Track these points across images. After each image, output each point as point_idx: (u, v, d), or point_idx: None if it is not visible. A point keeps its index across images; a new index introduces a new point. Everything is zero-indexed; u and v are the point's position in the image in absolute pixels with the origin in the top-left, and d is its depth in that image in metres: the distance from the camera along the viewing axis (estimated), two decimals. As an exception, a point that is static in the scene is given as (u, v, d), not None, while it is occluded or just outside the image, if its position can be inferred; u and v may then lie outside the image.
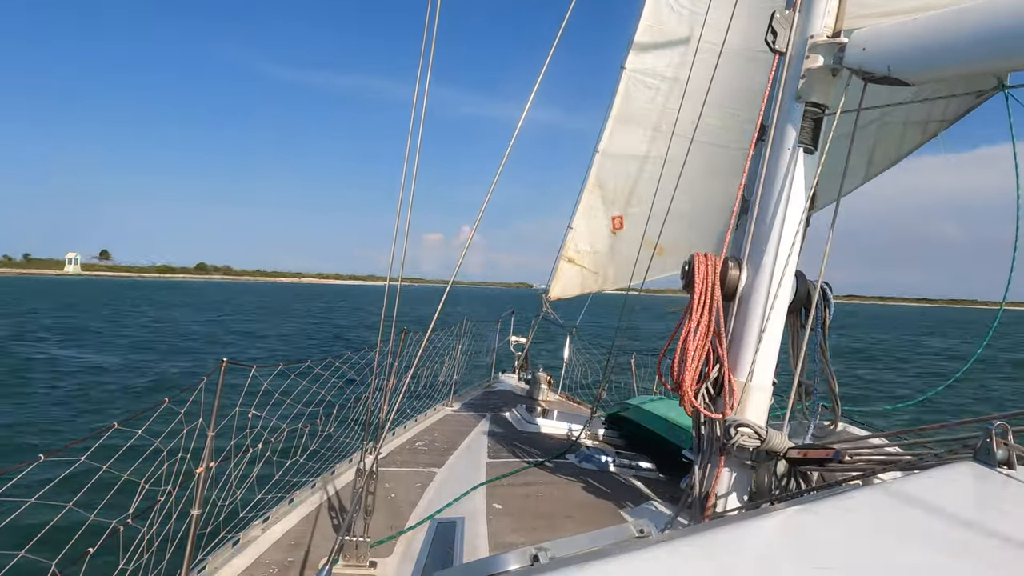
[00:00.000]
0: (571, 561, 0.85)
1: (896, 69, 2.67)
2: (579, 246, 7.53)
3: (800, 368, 3.14)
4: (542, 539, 1.02)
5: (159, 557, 2.94)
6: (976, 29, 2.41)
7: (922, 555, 0.90)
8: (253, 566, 2.95)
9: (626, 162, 6.88)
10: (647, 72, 6.44)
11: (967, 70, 2.68)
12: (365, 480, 3.02)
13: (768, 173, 2.97)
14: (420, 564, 2.99)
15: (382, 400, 3.43)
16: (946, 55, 2.55)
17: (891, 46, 2.69)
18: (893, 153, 4.45)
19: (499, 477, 4.33)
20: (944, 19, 2.53)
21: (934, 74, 2.71)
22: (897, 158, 4.45)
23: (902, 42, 2.67)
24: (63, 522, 2.60)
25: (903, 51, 2.66)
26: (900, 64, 2.66)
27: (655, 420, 5.15)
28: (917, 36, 2.62)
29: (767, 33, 2.97)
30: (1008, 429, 1.44)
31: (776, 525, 0.96)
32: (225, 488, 3.46)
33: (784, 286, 2.92)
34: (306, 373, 4.69)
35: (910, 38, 2.64)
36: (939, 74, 2.71)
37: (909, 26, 2.64)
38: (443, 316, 3.24)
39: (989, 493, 1.28)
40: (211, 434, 3.02)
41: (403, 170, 3.18)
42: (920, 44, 2.61)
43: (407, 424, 5.84)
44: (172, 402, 3.02)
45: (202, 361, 18.74)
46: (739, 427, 2.82)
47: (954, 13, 2.50)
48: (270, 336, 29.39)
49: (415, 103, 3.20)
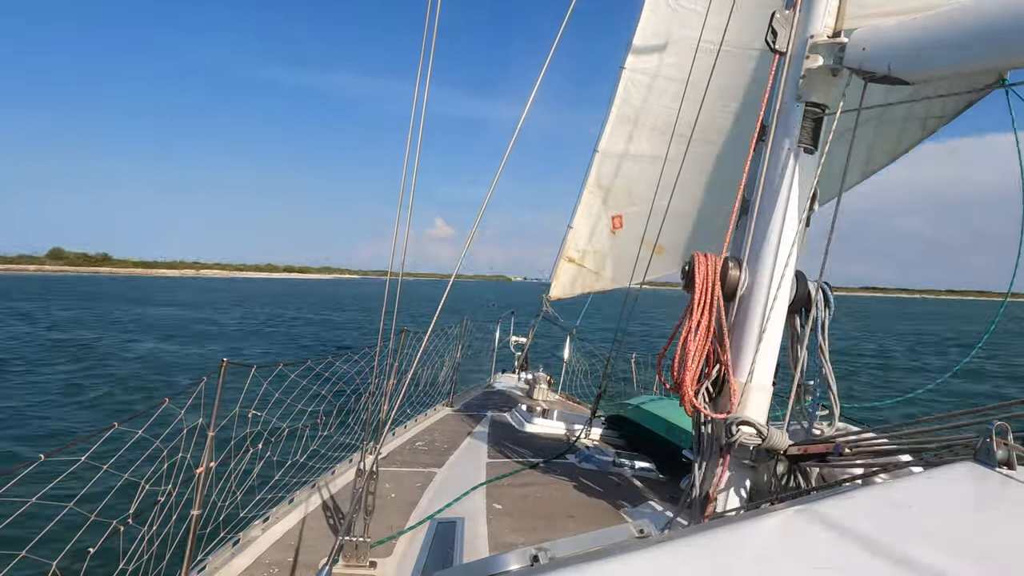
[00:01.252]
0: (571, 561, 0.85)
1: (896, 68, 2.67)
2: (579, 245, 7.54)
3: (800, 369, 3.14)
4: (542, 539, 1.02)
5: (159, 557, 2.94)
6: (975, 27, 2.41)
7: (922, 555, 0.90)
8: (253, 566, 2.95)
9: (626, 161, 6.89)
10: (646, 72, 6.45)
11: (967, 68, 2.68)
12: (365, 480, 3.02)
13: (768, 173, 2.97)
14: (420, 564, 2.99)
15: (382, 400, 3.43)
16: (945, 54, 2.55)
17: (891, 45, 2.69)
18: (892, 150, 4.46)
19: (499, 477, 4.33)
20: (943, 18, 2.53)
21: (933, 72, 2.71)
22: (896, 154, 4.47)
23: (902, 41, 2.67)
24: (63, 522, 2.60)
25: (903, 50, 2.66)
26: (900, 63, 2.66)
27: (655, 420, 5.15)
28: (917, 35, 2.62)
29: (767, 33, 2.97)
30: (1008, 429, 1.44)
31: (776, 525, 0.96)
32: (225, 488, 3.46)
33: (784, 286, 2.92)
34: (306, 373, 4.69)
35: (910, 37, 2.64)
36: (939, 72, 2.71)
37: (909, 25, 2.64)
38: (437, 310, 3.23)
39: (989, 493, 1.28)
40: (211, 434, 3.02)
41: (403, 169, 3.18)
42: (920, 43, 2.61)
43: (407, 424, 5.85)
44: (172, 402, 3.02)
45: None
46: (740, 425, 2.82)
47: (953, 12, 2.50)
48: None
49: (415, 102, 3.20)
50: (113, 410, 11.43)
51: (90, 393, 12.93)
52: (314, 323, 35.00)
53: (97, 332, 24.81)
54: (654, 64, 6.37)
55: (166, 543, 3.01)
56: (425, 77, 3.16)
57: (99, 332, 24.83)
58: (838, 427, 3.18)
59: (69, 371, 15.51)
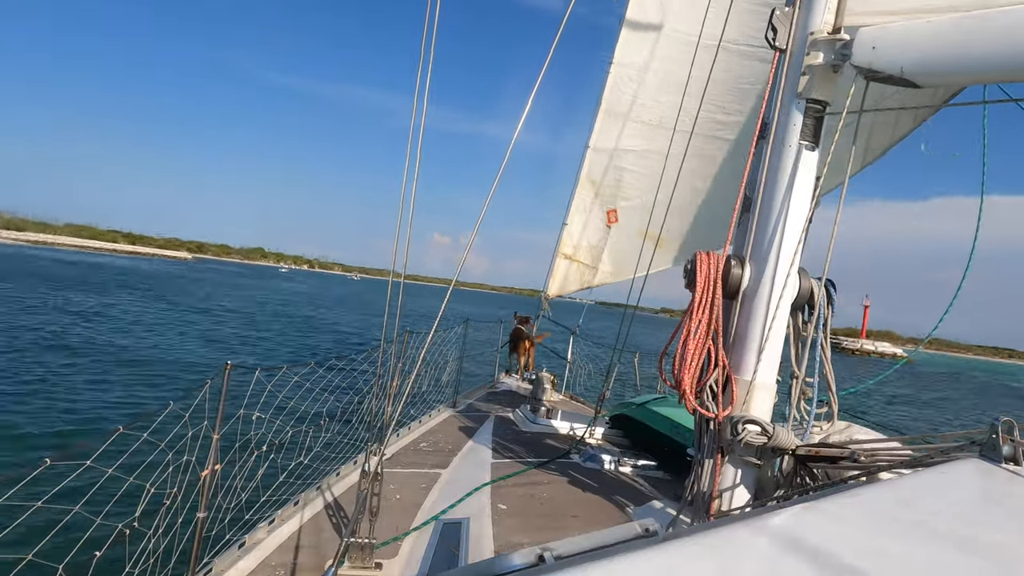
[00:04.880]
0: (576, 561, 0.85)
1: (910, 71, 2.62)
2: (575, 241, 7.55)
3: (802, 366, 3.13)
4: (547, 539, 1.02)
5: (165, 560, 2.95)
6: (988, 38, 2.36)
7: (928, 551, 0.90)
8: (259, 568, 2.96)
9: (617, 156, 6.91)
10: (634, 66, 6.47)
11: (979, 77, 2.65)
12: (370, 482, 3.02)
13: (770, 171, 2.96)
14: (425, 565, 3.00)
15: (386, 402, 3.43)
16: (965, 62, 2.50)
17: (904, 47, 2.63)
18: (887, 140, 4.51)
19: (504, 477, 4.33)
20: (956, 25, 2.48)
21: (948, 79, 2.67)
22: (891, 144, 4.53)
23: (919, 45, 2.60)
24: (69, 525, 2.61)
25: (920, 54, 2.59)
26: (915, 67, 2.61)
27: (659, 419, 5.15)
28: (931, 40, 2.55)
29: (767, 30, 2.97)
30: (1015, 425, 1.44)
31: (781, 523, 0.96)
32: (230, 491, 3.47)
33: (788, 284, 2.91)
34: (310, 375, 4.70)
35: (924, 42, 2.57)
36: (953, 79, 2.67)
37: (924, 28, 2.59)
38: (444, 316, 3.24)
39: (995, 489, 1.28)
40: (216, 437, 3.03)
41: (404, 168, 3.19)
42: (934, 48, 2.55)
43: (411, 425, 5.85)
44: (177, 406, 3.03)
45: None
46: (746, 424, 2.81)
47: (965, 20, 2.46)
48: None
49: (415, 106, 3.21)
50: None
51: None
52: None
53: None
54: (641, 58, 6.40)
55: (172, 546, 3.02)
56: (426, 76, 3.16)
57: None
58: (843, 426, 3.18)
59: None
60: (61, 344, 14.63)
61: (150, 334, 18.58)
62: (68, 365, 12.41)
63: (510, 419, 6.44)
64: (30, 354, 13.01)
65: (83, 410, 9.37)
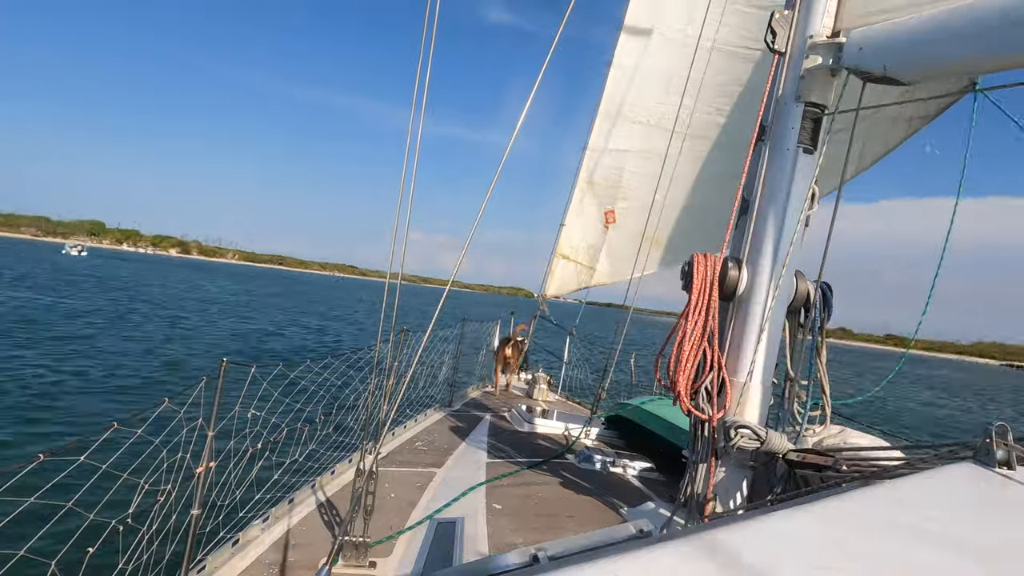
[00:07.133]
0: (570, 561, 0.85)
1: (892, 68, 2.66)
2: (573, 242, 7.57)
3: (797, 369, 3.14)
4: (542, 539, 1.02)
5: (159, 557, 2.94)
6: (964, 29, 2.41)
7: (921, 555, 0.90)
8: (253, 566, 2.95)
9: (616, 157, 6.93)
10: (632, 68, 6.48)
11: (956, 69, 2.69)
12: (365, 480, 3.02)
13: (768, 173, 2.97)
14: (420, 564, 2.99)
15: (382, 400, 3.43)
16: (937, 54, 2.55)
17: (885, 46, 2.69)
18: (881, 147, 4.53)
19: (499, 477, 4.33)
20: (933, 19, 2.52)
21: (926, 72, 2.71)
22: (885, 152, 4.55)
23: (895, 42, 2.66)
24: (62, 522, 2.60)
25: (896, 51, 2.65)
26: (895, 63, 2.66)
27: (654, 420, 5.16)
28: (909, 36, 2.61)
29: (766, 33, 2.97)
30: (1008, 429, 1.44)
31: (775, 525, 0.96)
32: (225, 488, 3.46)
33: (784, 287, 2.92)
34: (306, 373, 4.69)
35: (902, 38, 2.64)
36: (930, 72, 2.72)
37: (901, 26, 2.64)
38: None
39: (988, 494, 1.28)
40: (211, 434, 3.02)
41: (403, 168, 3.18)
42: (912, 44, 2.61)
43: (407, 424, 5.85)
44: (172, 402, 3.01)
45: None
46: (739, 428, 2.82)
47: (940, 14, 2.50)
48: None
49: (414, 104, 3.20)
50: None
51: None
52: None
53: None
54: (639, 60, 6.42)
55: (166, 543, 3.01)
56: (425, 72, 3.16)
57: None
58: (837, 430, 3.19)
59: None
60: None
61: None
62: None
63: (506, 419, 6.44)
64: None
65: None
